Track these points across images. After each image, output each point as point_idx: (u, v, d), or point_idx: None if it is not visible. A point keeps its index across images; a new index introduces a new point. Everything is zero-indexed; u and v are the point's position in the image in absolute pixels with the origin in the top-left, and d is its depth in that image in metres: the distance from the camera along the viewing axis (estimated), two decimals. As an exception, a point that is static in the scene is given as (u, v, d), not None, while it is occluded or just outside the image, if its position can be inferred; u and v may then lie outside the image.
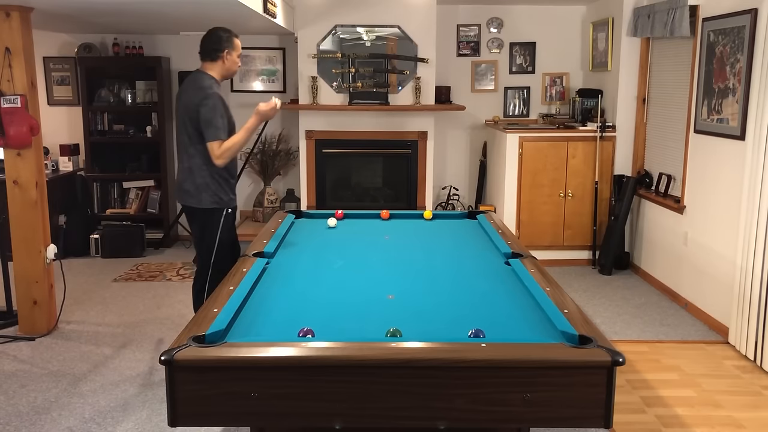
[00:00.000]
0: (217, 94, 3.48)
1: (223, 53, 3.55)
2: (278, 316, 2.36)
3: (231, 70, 3.63)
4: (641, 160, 5.72)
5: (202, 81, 3.52)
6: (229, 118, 3.59)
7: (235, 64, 3.63)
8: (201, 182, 3.58)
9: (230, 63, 3.59)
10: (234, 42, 3.59)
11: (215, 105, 3.44)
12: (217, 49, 3.54)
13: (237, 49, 3.61)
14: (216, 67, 3.58)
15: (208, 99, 3.43)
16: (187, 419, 1.97)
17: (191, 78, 3.61)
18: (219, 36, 3.56)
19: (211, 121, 3.43)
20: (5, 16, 4.05)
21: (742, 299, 4.00)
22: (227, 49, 3.55)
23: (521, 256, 3.00)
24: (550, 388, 1.94)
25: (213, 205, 3.65)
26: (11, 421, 3.25)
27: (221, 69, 3.59)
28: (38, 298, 4.33)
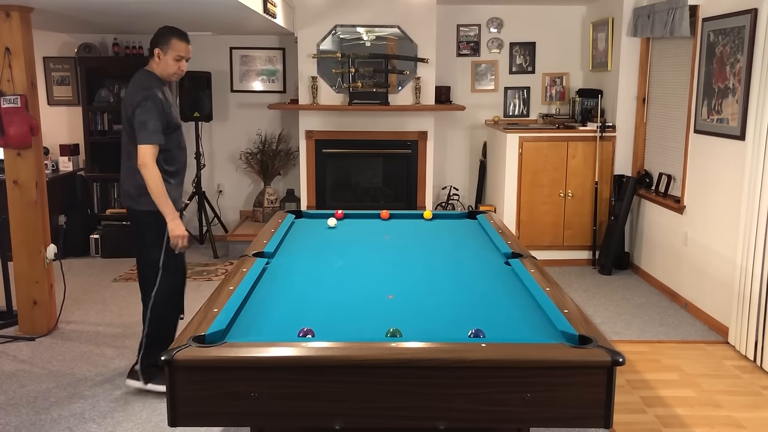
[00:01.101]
0: (154, 95, 3.25)
1: (155, 52, 3.31)
2: (278, 316, 2.36)
3: (166, 71, 3.36)
4: (641, 160, 5.72)
5: (142, 80, 3.32)
6: (170, 120, 3.35)
7: (169, 66, 3.33)
8: (141, 183, 3.30)
9: (164, 64, 3.33)
10: (170, 41, 3.31)
11: (150, 108, 3.22)
12: (152, 47, 3.33)
13: (174, 50, 3.31)
14: (153, 64, 3.36)
15: (145, 100, 3.22)
16: (187, 419, 1.97)
17: (136, 75, 3.39)
18: (158, 34, 3.34)
19: (144, 123, 3.21)
20: (5, 16, 4.05)
21: (742, 299, 4.00)
22: (159, 48, 3.31)
23: (521, 256, 3.00)
24: (550, 388, 1.94)
25: (154, 207, 3.35)
26: (11, 421, 3.25)
27: (157, 68, 3.36)
28: (38, 298, 4.33)
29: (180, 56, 3.35)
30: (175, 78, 3.44)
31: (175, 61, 3.34)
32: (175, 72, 3.39)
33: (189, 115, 6.16)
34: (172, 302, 3.54)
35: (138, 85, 3.32)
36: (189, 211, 6.51)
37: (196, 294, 5.14)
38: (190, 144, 6.48)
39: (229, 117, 6.72)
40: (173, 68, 3.36)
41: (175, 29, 3.38)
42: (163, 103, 3.30)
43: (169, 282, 3.46)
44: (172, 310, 3.55)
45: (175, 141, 3.44)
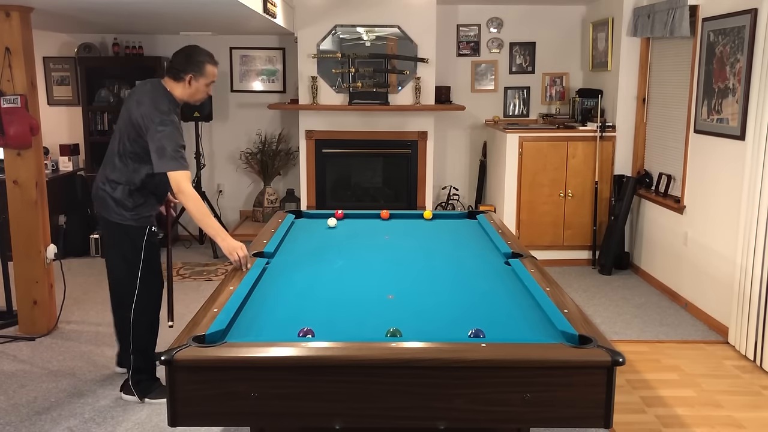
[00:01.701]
0: (173, 122, 3.13)
1: (187, 78, 3.20)
2: (278, 316, 2.36)
3: (194, 97, 3.28)
4: (641, 160, 5.72)
5: (161, 101, 3.16)
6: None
7: (199, 92, 3.26)
8: (121, 197, 3.25)
9: (194, 90, 3.24)
10: (205, 68, 3.21)
11: (174, 130, 3.11)
12: (181, 71, 3.20)
13: (208, 77, 3.24)
14: (178, 87, 3.23)
15: (163, 126, 3.07)
16: (187, 419, 1.97)
17: (151, 90, 3.21)
18: (189, 57, 3.22)
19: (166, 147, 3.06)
20: (5, 16, 4.05)
21: (742, 299, 4.00)
22: (192, 74, 3.20)
23: (521, 256, 3.00)
24: (550, 388, 1.94)
25: (130, 222, 3.29)
26: (11, 421, 3.25)
27: (183, 92, 3.24)
28: (38, 298, 4.33)
29: (212, 81, 3.30)
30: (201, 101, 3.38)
31: (206, 87, 3.27)
32: (203, 98, 3.34)
33: (189, 115, 6.16)
34: (149, 313, 3.49)
35: (155, 105, 3.13)
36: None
37: (196, 294, 5.14)
38: (190, 144, 6.50)
39: (229, 117, 6.73)
40: (203, 94, 3.30)
41: (208, 53, 3.27)
42: (179, 128, 3.19)
43: (146, 295, 3.42)
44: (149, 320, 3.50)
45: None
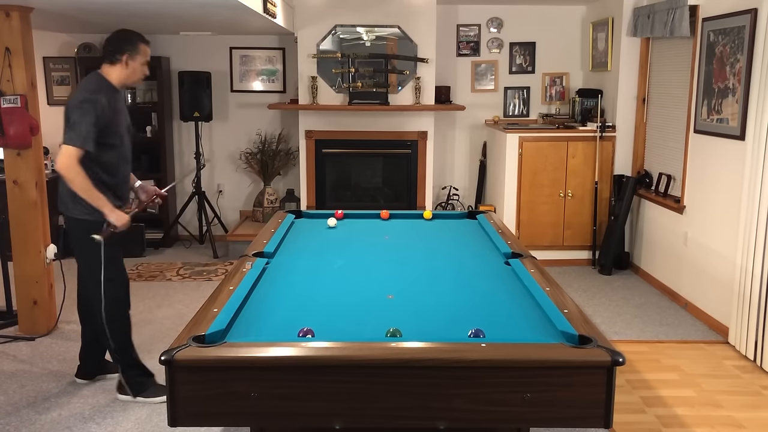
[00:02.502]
0: (97, 100, 3.14)
1: (123, 57, 3.24)
2: (278, 316, 2.36)
3: (132, 78, 3.32)
4: (641, 160, 5.72)
5: (91, 83, 3.23)
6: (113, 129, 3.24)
7: (137, 72, 3.31)
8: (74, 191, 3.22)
9: (132, 70, 3.28)
10: (139, 47, 3.28)
11: (88, 111, 3.11)
12: (116, 52, 3.24)
13: (143, 55, 3.30)
14: (115, 71, 3.27)
15: (86, 103, 3.12)
16: (187, 419, 1.97)
17: (85, 78, 3.32)
18: (122, 38, 3.27)
19: (75, 125, 3.10)
20: (5, 16, 4.05)
21: (742, 299, 4.00)
22: (128, 53, 3.24)
23: (521, 256, 3.00)
24: (550, 388, 1.94)
25: (86, 216, 3.26)
26: (11, 421, 3.25)
27: (121, 74, 3.28)
28: (38, 298, 4.33)
29: (147, 61, 3.34)
30: (138, 83, 3.39)
31: (142, 67, 3.32)
32: (141, 77, 3.36)
33: (189, 115, 6.17)
34: (122, 308, 3.46)
35: (84, 88, 3.23)
36: (189, 211, 6.52)
37: (196, 294, 5.15)
38: (190, 144, 6.51)
39: (229, 117, 6.73)
40: (140, 74, 3.33)
41: (138, 33, 3.33)
42: (105, 111, 3.18)
43: (114, 291, 3.38)
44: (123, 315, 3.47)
45: (120, 153, 3.32)
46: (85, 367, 3.68)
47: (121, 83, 3.32)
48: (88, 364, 3.68)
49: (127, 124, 3.43)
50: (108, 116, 3.21)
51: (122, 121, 3.34)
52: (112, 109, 3.24)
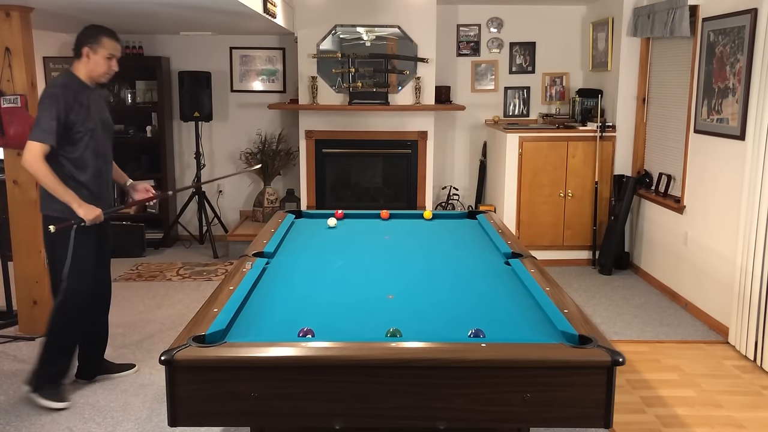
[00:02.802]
0: (57, 95, 3.14)
1: (84, 52, 3.20)
2: (278, 316, 2.36)
3: (96, 72, 3.26)
4: (641, 160, 5.72)
5: (57, 80, 3.25)
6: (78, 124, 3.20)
7: (99, 65, 3.24)
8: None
9: (93, 64, 3.24)
10: (100, 40, 3.21)
11: (49, 106, 3.11)
12: (78, 46, 3.21)
13: (105, 48, 3.23)
14: (81, 66, 3.25)
15: (48, 98, 3.13)
16: (187, 419, 1.97)
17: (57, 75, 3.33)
18: (85, 32, 3.24)
19: (38, 120, 3.11)
20: (5, 16, 4.05)
21: (742, 299, 4.00)
22: (88, 47, 3.20)
23: (521, 256, 3.00)
24: (550, 388, 1.94)
25: (57, 214, 3.20)
26: (11, 421, 3.25)
27: (86, 69, 3.25)
28: (38, 298, 4.32)
29: (111, 55, 3.27)
30: (106, 79, 3.34)
31: (106, 60, 3.26)
32: (106, 72, 3.30)
33: (189, 115, 6.17)
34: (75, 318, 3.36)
35: (51, 84, 3.24)
36: (189, 211, 6.52)
37: (196, 294, 5.15)
38: (190, 144, 6.51)
39: (229, 117, 6.73)
40: (104, 68, 3.27)
41: (104, 27, 3.28)
42: (69, 105, 3.16)
43: (73, 295, 3.28)
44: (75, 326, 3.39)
45: (90, 148, 3.28)
46: (84, 367, 3.68)
47: (89, 78, 3.28)
48: (88, 364, 3.68)
49: (101, 119, 3.37)
50: (74, 111, 3.18)
51: (93, 117, 3.29)
52: (80, 104, 3.21)
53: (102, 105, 3.43)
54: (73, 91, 3.21)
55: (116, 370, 3.73)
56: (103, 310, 3.67)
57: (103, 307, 3.67)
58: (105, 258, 3.58)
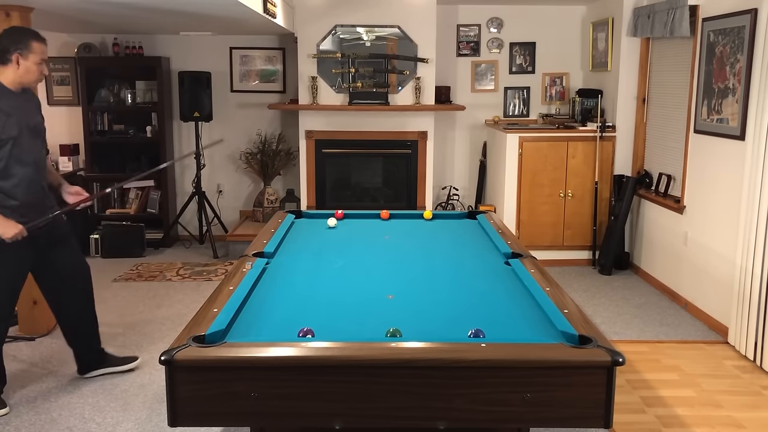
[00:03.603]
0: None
1: (13, 57, 3.08)
2: (278, 316, 2.36)
3: (27, 78, 3.15)
4: (641, 160, 5.72)
5: None
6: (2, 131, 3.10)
7: (31, 71, 3.13)
8: None
9: (24, 69, 3.11)
10: (30, 45, 3.09)
11: None
12: (6, 52, 3.07)
13: (36, 53, 3.11)
14: (8, 72, 3.11)
15: None
16: (187, 419, 1.97)
17: None
18: (12, 37, 3.11)
19: None
20: (5, 16, 4.05)
21: (742, 299, 4.00)
22: (18, 52, 3.08)
23: (521, 256, 3.00)
24: (550, 388, 1.94)
25: None
26: (11, 421, 3.25)
27: (15, 75, 3.11)
28: (38, 298, 4.31)
29: (42, 59, 3.17)
30: (36, 83, 3.27)
31: (37, 66, 3.16)
32: (38, 77, 3.21)
33: (189, 115, 6.17)
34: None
35: None
36: (189, 211, 6.52)
37: (196, 294, 5.15)
38: (190, 144, 6.50)
39: (229, 117, 6.72)
40: (36, 74, 3.17)
41: (31, 30, 3.19)
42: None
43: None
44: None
45: (12, 155, 3.13)
46: (82, 361, 3.69)
47: (16, 84, 3.16)
48: (84, 359, 3.69)
49: (28, 125, 3.23)
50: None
51: (16, 124, 3.14)
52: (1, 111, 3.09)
53: (30, 109, 3.29)
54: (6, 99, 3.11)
55: (118, 363, 3.74)
56: (80, 302, 3.60)
57: (80, 299, 3.60)
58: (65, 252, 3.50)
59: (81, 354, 3.68)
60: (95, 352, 3.72)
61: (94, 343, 3.71)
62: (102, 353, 3.75)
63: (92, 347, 3.71)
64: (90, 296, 3.67)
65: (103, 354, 3.75)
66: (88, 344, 3.69)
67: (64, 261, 3.52)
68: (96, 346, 3.73)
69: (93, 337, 3.70)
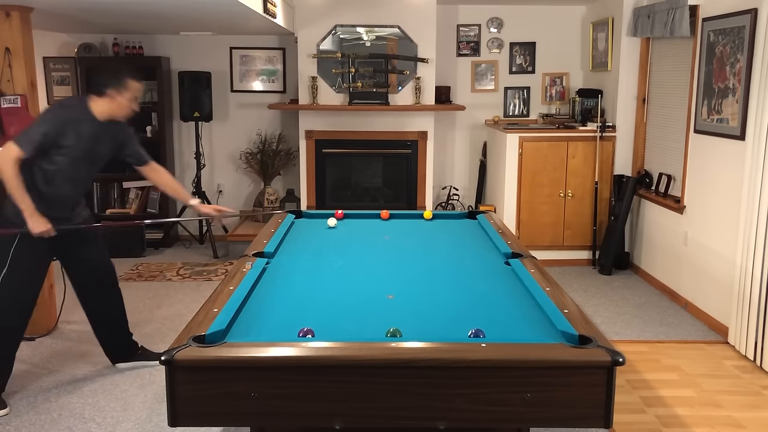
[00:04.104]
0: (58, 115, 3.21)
1: (109, 92, 3.28)
2: (278, 316, 2.36)
3: (118, 112, 3.35)
4: (641, 160, 5.72)
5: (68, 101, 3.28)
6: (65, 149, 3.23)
7: (123, 107, 3.33)
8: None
9: (117, 105, 3.32)
10: (127, 83, 3.30)
11: (46, 119, 3.20)
12: (103, 86, 3.29)
13: (131, 91, 3.33)
14: (101, 103, 3.31)
15: (48, 113, 3.24)
16: (187, 419, 1.97)
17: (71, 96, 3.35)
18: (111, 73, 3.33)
19: (29, 128, 3.19)
20: (5, 16, 4.05)
21: (742, 299, 4.00)
22: (114, 89, 3.28)
23: (521, 256, 3.00)
24: (550, 388, 1.94)
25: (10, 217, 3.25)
26: (11, 421, 3.25)
27: (106, 107, 3.31)
28: (38, 298, 4.32)
29: (135, 97, 3.37)
30: (126, 119, 3.43)
31: (129, 102, 3.34)
32: (128, 113, 3.39)
33: (189, 115, 6.17)
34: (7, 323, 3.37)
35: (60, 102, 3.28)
36: (189, 211, 6.51)
37: (195, 294, 5.15)
38: (190, 144, 6.50)
39: (229, 117, 6.73)
40: (127, 109, 3.36)
41: (129, 70, 3.36)
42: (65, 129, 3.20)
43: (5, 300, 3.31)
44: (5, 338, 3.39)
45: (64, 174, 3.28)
46: (112, 351, 3.81)
47: (104, 116, 3.33)
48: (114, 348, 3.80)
49: (93, 152, 3.37)
50: (66, 137, 3.21)
51: (83, 148, 3.29)
52: (76, 133, 3.24)
53: (106, 140, 3.41)
54: (75, 119, 3.25)
55: (154, 358, 3.81)
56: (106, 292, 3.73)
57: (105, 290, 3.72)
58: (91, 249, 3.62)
59: (109, 343, 3.80)
60: (126, 342, 3.84)
61: (122, 332, 3.82)
62: (136, 345, 3.88)
63: (121, 336, 3.82)
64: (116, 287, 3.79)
65: (137, 347, 3.87)
66: (116, 333, 3.80)
67: (90, 256, 3.66)
68: (125, 335, 3.84)
69: (121, 326, 3.82)
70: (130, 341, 3.88)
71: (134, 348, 3.88)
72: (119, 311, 3.82)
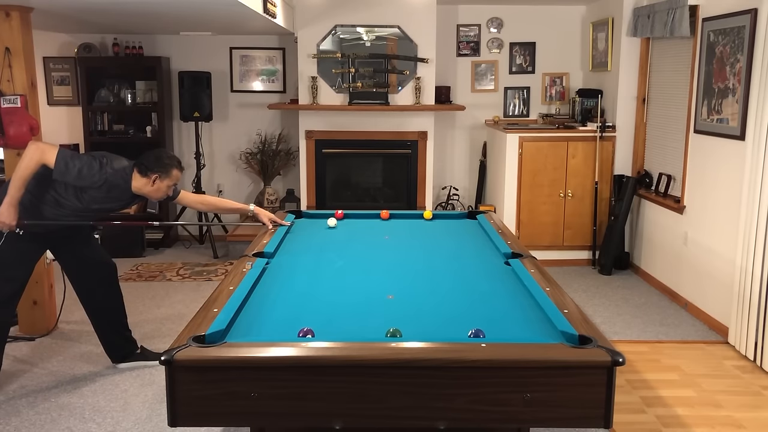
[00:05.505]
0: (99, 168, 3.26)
1: (153, 176, 3.36)
2: (278, 316, 2.37)
3: (155, 195, 3.45)
4: (641, 160, 5.72)
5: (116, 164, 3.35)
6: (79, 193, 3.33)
7: (161, 191, 3.43)
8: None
9: (156, 188, 3.40)
10: (171, 173, 3.41)
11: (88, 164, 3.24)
12: (149, 169, 3.36)
13: (172, 179, 3.43)
14: (142, 181, 3.38)
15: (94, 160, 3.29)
16: (187, 419, 1.97)
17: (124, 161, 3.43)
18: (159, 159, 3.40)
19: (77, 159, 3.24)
20: (5, 16, 4.05)
21: (742, 299, 4.00)
22: (158, 174, 3.37)
23: (521, 256, 3.00)
24: (549, 388, 1.94)
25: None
26: (11, 421, 3.25)
27: (144, 187, 3.39)
28: (38, 298, 4.33)
29: (174, 184, 3.47)
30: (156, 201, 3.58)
31: (166, 187, 3.44)
32: (161, 197, 3.49)
33: (189, 115, 6.17)
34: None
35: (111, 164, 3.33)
36: (189, 211, 6.51)
37: (196, 294, 5.15)
38: (190, 144, 6.50)
39: (229, 117, 6.73)
40: (163, 193, 3.46)
41: (175, 159, 3.48)
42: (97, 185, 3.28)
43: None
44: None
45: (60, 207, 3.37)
46: (113, 350, 3.84)
47: (139, 192, 3.42)
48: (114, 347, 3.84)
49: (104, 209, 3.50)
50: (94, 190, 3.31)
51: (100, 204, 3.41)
52: (105, 193, 3.35)
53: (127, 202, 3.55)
54: (111, 184, 3.33)
55: (154, 358, 3.83)
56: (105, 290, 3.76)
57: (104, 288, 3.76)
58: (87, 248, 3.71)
59: (110, 342, 3.83)
60: (126, 341, 3.87)
61: (122, 330, 3.86)
62: (136, 345, 3.91)
63: (121, 335, 3.85)
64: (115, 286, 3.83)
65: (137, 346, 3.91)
66: (116, 332, 3.84)
67: (86, 255, 3.72)
68: (125, 334, 3.88)
69: (121, 325, 3.85)
70: (131, 341, 3.89)
71: (134, 348, 3.90)
72: (119, 310, 3.85)
